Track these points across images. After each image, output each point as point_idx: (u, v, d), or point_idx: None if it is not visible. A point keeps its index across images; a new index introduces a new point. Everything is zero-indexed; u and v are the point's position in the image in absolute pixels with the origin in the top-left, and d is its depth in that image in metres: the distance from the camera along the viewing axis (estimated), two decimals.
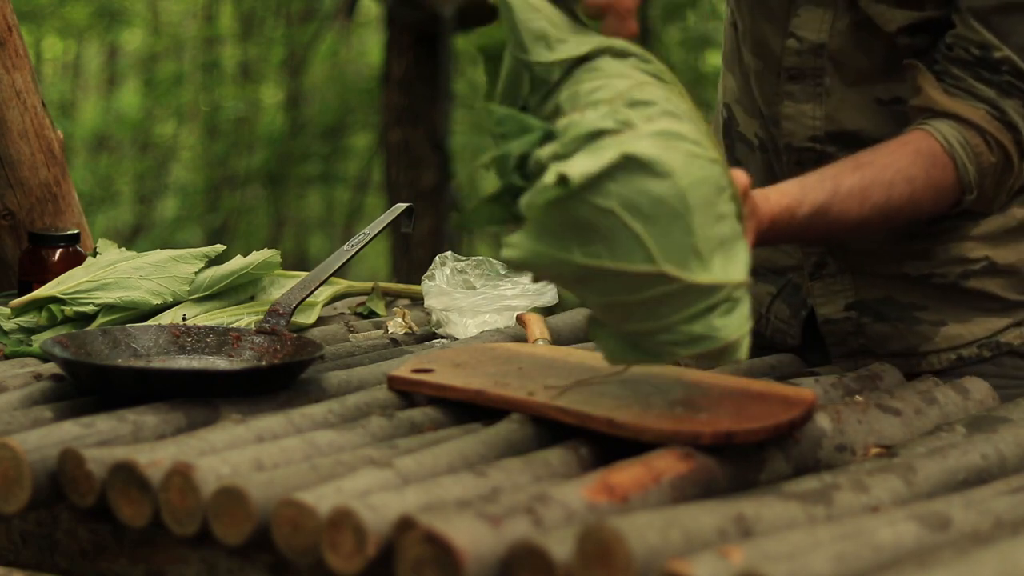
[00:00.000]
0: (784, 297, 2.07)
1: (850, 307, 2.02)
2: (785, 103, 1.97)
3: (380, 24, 8.58)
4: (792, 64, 1.95)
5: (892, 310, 2.00)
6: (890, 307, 2.00)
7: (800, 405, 1.62)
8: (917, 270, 1.99)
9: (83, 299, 2.13)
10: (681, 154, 1.49)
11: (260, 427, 1.60)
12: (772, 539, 1.29)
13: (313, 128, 9.73)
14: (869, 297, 2.01)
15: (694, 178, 1.49)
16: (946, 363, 1.99)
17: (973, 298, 1.99)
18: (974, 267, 1.98)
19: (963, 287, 1.99)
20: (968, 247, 1.98)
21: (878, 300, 2.01)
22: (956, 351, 1.99)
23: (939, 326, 1.99)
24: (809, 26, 1.93)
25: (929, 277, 1.99)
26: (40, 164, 2.63)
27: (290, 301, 2.02)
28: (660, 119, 1.52)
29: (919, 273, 1.99)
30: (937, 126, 1.84)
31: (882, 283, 2.01)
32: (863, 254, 2.01)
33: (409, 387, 1.75)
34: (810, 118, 1.95)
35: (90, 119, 10.24)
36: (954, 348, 1.99)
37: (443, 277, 2.33)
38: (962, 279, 1.99)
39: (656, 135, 1.49)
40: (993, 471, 1.59)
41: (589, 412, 1.59)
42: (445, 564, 1.28)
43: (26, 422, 1.65)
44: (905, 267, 2.00)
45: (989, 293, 1.99)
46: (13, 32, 2.62)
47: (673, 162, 1.48)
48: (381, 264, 8.52)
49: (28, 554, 1.61)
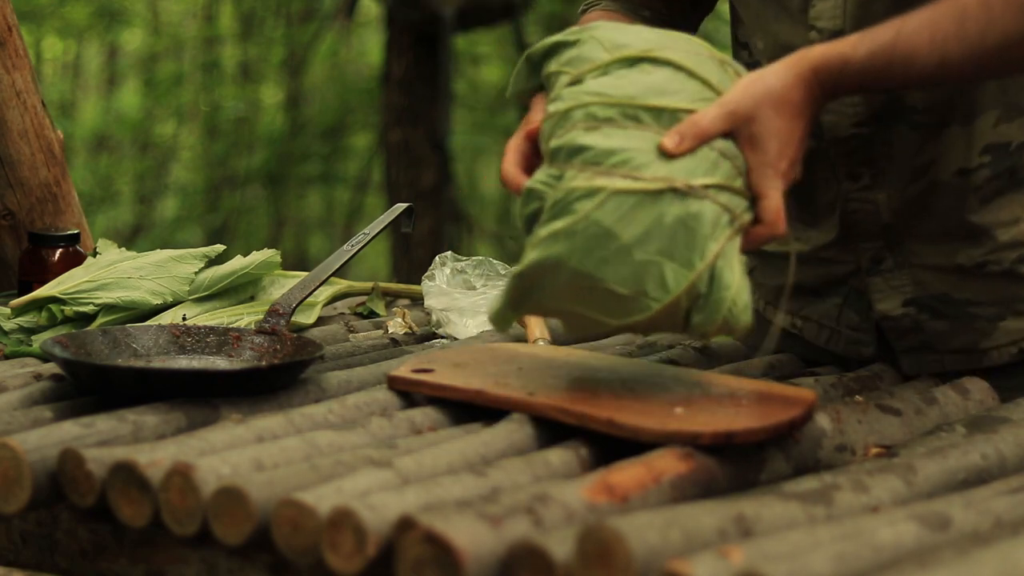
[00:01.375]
0: (850, 304, 2.05)
1: (908, 303, 2.00)
2: None
3: (380, 24, 8.58)
4: None
5: (948, 307, 1.98)
6: (946, 304, 1.98)
7: (800, 405, 1.62)
8: (972, 259, 1.96)
9: (83, 299, 2.13)
10: (642, 217, 1.59)
11: (260, 427, 1.60)
12: (772, 539, 1.29)
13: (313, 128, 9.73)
14: (926, 294, 1.99)
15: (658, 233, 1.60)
16: (1007, 358, 1.97)
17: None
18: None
19: (1019, 273, 1.96)
20: (1023, 229, 1.96)
21: (935, 297, 1.99)
22: (1017, 344, 1.98)
23: (996, 321, 1.98)
24: (825, 15, 1.93)
25: (984, 265, 1.96)
26: (40, 164, 2.63)
27: (290, 301, 2.02)
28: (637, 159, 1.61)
29: (974, 263, 1.96)
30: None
31: (939, 278, 1.97)
32: (920, 242, 1.97)
33: (409, 387, 1.75)
34: (849, 105, 1.94)
35: (90, 119, 10.23)
36: (1015, 342, 1.98)
37: (443, 277, 2.33)
38: (1018, 264, 1.96)
39: (617, 198, 1.59)
40: (993, 471, 1.59)
41: (589, 412, 1.59)
42: (445, 564, 1.28)
43: (26, 422, 1.65)
44: (960, 256, 1.96)
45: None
46: (13, 32, 2.62)
47: (630, 229, 1.59)
48: (381, 264, 8.52)
49: (28, 554, 1.61)
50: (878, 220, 1.98)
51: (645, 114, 1.63)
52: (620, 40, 1.70)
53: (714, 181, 1.61)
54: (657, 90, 1.64)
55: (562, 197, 1.61)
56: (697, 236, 1.59)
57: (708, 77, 1.67)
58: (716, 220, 1.60)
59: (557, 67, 1.72)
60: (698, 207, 1.60)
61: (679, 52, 1.68)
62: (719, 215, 1.61)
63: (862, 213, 1.97)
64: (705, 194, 1.60)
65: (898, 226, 1.97)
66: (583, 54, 1.70)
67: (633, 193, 1.59)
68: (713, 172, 1.62)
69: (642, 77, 1.66)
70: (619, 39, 1.70)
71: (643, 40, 1.70)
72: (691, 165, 1.61)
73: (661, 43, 1.70)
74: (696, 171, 1.61)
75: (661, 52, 1.68)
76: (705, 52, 1.71)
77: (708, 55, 1.71)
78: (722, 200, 1.61)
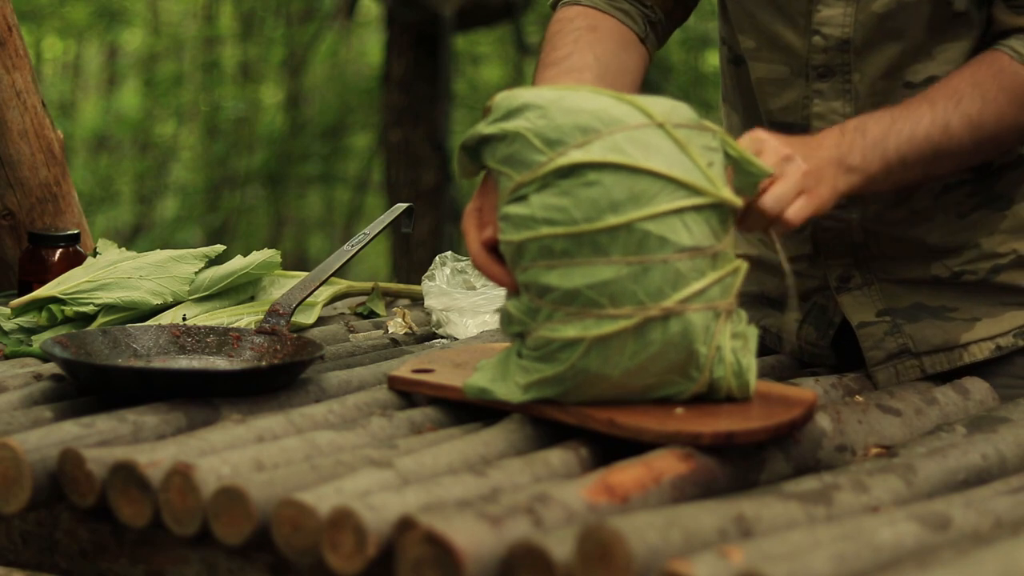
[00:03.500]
0: (811, 320, 2.06)
1: (881, 313, 2.01)
2: (815, 102, 1.96)
3: (380, 24, 8.58)
4: (820, 62, 1.94)
5: (923, 313, 1.99)
6: (921, 311, 1.99)
7: (800, 405, 1.62)
8: (947, 270, 1.98)
9: (83, 299, 2.13)
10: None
11: (260, 427, 1.60)
12: (772, 539, 1.29)
13: (313, 128, 9.73)
14: (899, 306, 2.00)
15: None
16: (987, 353, 1.98)
17: (1003, 293, 1.99)
18: (1003, 261, 1.98)
19: (993, 282, 1.98)
20: (997, 241, 1.98)
21: (908, 307, 2.00)
22: (995, 340, 1.99)
23: (973, 322, 1.99)
24: (833, 22, 1.92)
25: (959, 276, 1.98)
26: (40, 164, 2.63)
27: (290, 301, 2.02)
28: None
29: (949, 273, 1.98)
30: (1004, 43, 1.88)
31: (911, 290, 1.99)
32: (889, 261, 2.00)
33: (409, 387, 1.75)
34: (840, 115, 1.94)
35: (90, 119, 10.23)
36: (992, 338, 1.99)
37: (443, 277, 2.33)
38: (992, 274, 1.98)
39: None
40: (993, 471, 1.59)
41: (589, 412, 1.59)
42: (445, 564, 1.28)
43: (26, 422, 1.65)
44: (934, 269, 1.98)
45: (1019, 286, 1.99)
46: (13, 32, 2.62)
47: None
48: (381, 264, 8.53)
49: (28, 554, 1.61)
50: (849, 239, 1.99)
51: (602, 237, 1.56)
52: (550, 134, 1.58)
53: (688, 292, 1.56)
54: (607, 205, 1.56)
55: (543, 344, 1.59)
56: (690, 351, 1.59)
57: (654, 165, 1.56)
58: (705, 325, 1.59)
59: (495, 164, 1.63)
60: (681, 325, 1.57)
61: (621, 137, 1.57)
62: (706, 319, 1.59)
63: (835, 231, 1.97)
64: (683, 309, 1.57)
65: (870, 245, 1.99)
66: (516, 155, 1.60)
67: (613, 335, 1.56)
68: (681, 283, 1.57)
69: (588, 192, 1.56)
70: (549, 130, 1.58)
71: (577, 125, 1.58)
72: (658, 283, 1.56)
73: (602, 120, 1.58)
74: (664, 288, 1.56)
75: (600, 150, 1.56)
76: (658, 117, 1.60)
77: (659, 121, 1.59)
78: (700, 305, 1.58)
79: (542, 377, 1.61)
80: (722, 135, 1.64)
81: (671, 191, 1.56)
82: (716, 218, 1.58)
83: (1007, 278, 1.98)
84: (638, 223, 1.55)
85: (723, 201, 1.58)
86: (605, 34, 1.99)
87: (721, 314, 1.59)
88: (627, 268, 1.55)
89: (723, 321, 1.60)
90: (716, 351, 1.60)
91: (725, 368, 1.61)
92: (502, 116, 1.62)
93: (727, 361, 1.60)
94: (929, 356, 1.98)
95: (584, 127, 1.58)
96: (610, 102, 1.60)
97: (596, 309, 1.56)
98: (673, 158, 1.58)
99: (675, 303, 1.56)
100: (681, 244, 1.56)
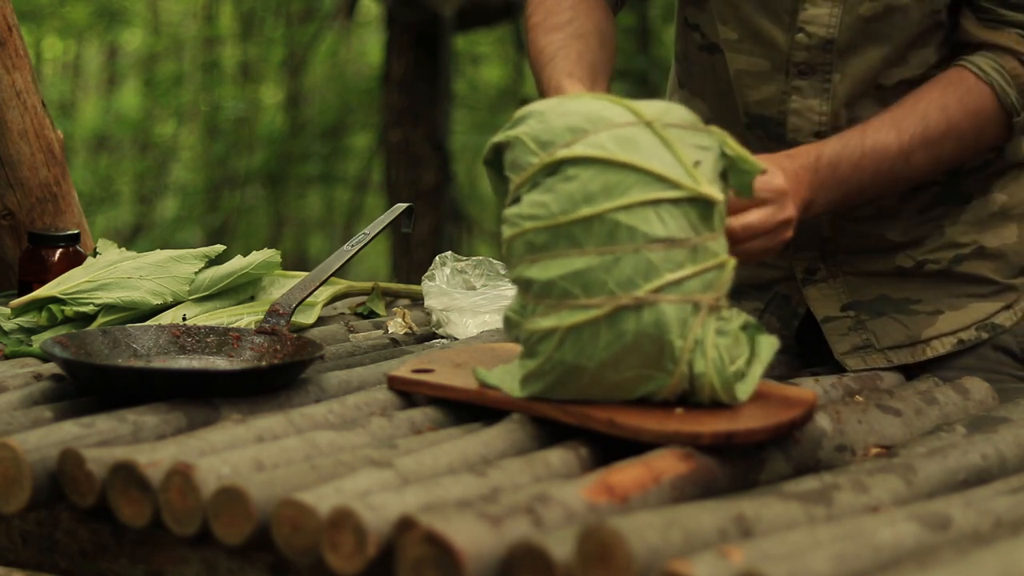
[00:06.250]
0: (772, 310, 2.09)
1: (846, 308, 2.04)
2: (793, 98, 1.97)
3: (380, 24, 8.58)
4: (801, 59, 1.96)
5: (887, 307, 2.03)
6: (885, 304, 2.03)
7: (800, 405, 1.62)
8: (910, 259, 2.02)
9: (83, 299, 2.13)
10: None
11: (260, 427, 1.60)
12: (772, 539, 1.29)
13: (313, 128, 9.72)
14: (863, 299, 2.03)
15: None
16: (949, 347, 2.02)
17: (965, 283, 2.03)
18: (965, 251, 2.03)
19: (955, 272, 2.03)
20: (959, 231, 2.03)
21: (872, 300, 2.03)
22: (956, 335, 2.01)
23: (936, 315, 2.02)
24: (818, 21, 1.93)
25: (922, 265, 2.02)
26: (40, 164, 2.63)
27: (290, 301, 2.02)
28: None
29: (913, 262, 2.02)
30: (970, 59, 1.91)
31: (875, 282, 2.03)
32: (854, 254, 2.03)
33: (409, 387, 1.75)
34: (816, 113, 1.97)
35: (90, 119, 10.23)
36: (954, 332, 2.01)
37: (443, 277, 2.33)
38: (954, 264, 2.03)
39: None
40: (993, 471, 1.59)
41: (589, 412, 1.59)
42: (445, 564, 1.28)
43: (26, 422, 1.65)
44: (898, 260, 2.02)
45: (980, 276, 2.03)
46: (13, 32, 2.62)
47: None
48: (381, 264, 8.52)
49: (28, 554, 1.61)
50: (818, 233, 2.02)
51: (576, 229, 1.57)
52: (544, 136, 1.61)
53: (660, 283, 1.57)
54: (582, 197, 1.58)
55: (527, 338, 1.62)
56: (664, 343, 1.58)
57: (630, 159, 1.58)
58: (681, 318, 1.58)
59: (507, 171, 1.66)
60: (653, 316, 1.57)
61: (605, 135, 1.60)
62: (682, 311, 1.58)
63: (804, 225, 1.98)
64: (656, 300, 1.57)
65: (837, 239, 2.02)
66: (517, 159, 1.64)
67: (585, 324, 1.57)
68: (654, 273, 1.57)
69: (566, 186, 1.58)
70: (544, 133, 1.62)
71: (568, 126, 1.61)
72: (629, 273, 1.56)
73: (592, 121, 1.60)
74: (635, 279, 1.56)
75: (582, 147, 1.59)
76: (647, 116, 1.61)
77: (647, 120, 1.61)
78: (675, 297, 1.57)
79: (528, 372, 1.63)
80: (721, 135, 1.64)
81: (646, 183, 1.58)
82: (696, 212, 1.59)
83: (968, 268, 2.03)
84: (609, 214, 1.57)
85: (701, 195, 1.59)
86: (595, 2, 2.03)
87: (702, 308, 1.59)
88: (599, 258, 1.57)
89: (704, 315, 1.60)
90: (695, 345, 1.59)
91: (707, 364, 1.60)
92: (510, 125, 1.66)
93: (709, 357, 1.60)
94: (893, 351, 2.03)
95: (574, 128, 1.61)
96: (605, 105, 1.63)
97: (570, 299, 1.58)
98: (654, 153, 1.59)
99: (646, 293, 1.57)
100: (653, 235, 1.57)
